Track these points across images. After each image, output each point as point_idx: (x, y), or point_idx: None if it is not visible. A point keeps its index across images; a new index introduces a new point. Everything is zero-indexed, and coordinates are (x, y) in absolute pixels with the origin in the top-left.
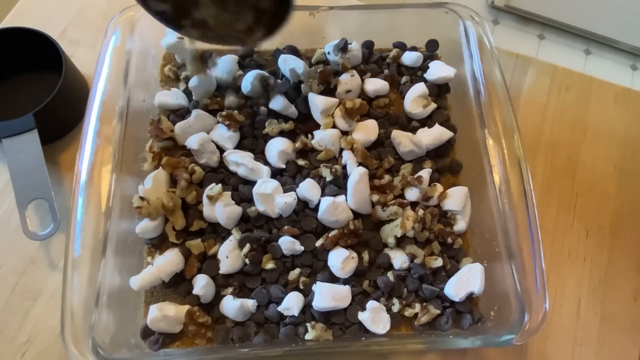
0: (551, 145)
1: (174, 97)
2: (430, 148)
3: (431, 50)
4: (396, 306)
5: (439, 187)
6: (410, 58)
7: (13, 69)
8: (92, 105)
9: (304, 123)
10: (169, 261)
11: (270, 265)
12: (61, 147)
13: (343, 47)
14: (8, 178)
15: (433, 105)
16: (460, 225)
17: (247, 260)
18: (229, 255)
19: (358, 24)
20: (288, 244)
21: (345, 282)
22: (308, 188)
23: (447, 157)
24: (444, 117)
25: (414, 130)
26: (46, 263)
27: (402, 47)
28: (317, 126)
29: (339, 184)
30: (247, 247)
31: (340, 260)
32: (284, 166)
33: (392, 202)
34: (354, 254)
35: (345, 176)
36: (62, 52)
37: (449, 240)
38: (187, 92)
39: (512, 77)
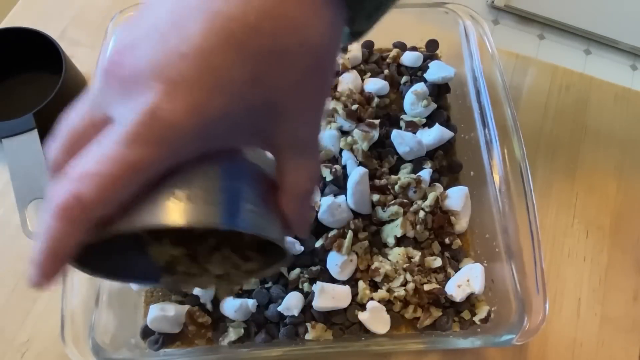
0: (551, 145)
1: None
2: (431, 148)
3: (431, 50)
4: (396, 306)
5: (439, 187)
6: (410, 58)
7: (13, 69)
8: None
9: None
10: None
11: None
12: None
13: (343, 47)
14: (8, 178)
15: (433, 105)
16: (460, 225)
17: None
18: None
19: None
20: (288, 244)
21: (345, 282)
22: None
23: (447, 157)
24: (444, 117)
25: (414, 130)
26: None
27: (402, 47)
28: None
29: (339, 184)
30: None
31: (339, 263)
32: None
33: (392, 202)
34: (353, 257)
35: (345, 176)
36: (62, 52)
37: (449, 240)
38: None
39: (512, 77)
